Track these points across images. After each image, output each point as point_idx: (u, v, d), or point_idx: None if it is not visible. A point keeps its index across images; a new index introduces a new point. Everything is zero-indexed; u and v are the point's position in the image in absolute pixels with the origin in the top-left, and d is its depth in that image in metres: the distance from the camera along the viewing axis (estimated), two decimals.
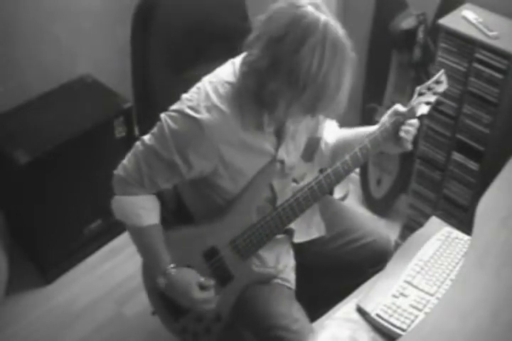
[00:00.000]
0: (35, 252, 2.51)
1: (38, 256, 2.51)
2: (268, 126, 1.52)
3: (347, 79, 1.40)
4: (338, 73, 1.37)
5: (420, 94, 1.69)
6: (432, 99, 1.71)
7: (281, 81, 1.36)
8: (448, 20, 2.03)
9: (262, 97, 1.41)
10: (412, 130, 1.63)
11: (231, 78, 1.49)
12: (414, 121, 1.64)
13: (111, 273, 2.55)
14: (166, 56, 1.74)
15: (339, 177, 1.62)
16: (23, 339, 2.33)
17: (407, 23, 2.29)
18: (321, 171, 1.66)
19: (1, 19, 2.28)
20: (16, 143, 2.25)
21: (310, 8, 1.36)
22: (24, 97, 2.41)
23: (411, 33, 2.28)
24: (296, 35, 1.34)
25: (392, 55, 2.42)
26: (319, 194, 1.62)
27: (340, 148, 1.75)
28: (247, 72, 1.42)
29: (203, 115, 1.44)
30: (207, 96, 1.47)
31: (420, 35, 2.27)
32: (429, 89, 1.70)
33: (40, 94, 2.44)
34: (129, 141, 1.60)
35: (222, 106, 1.46)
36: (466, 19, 2.02)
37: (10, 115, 2.36)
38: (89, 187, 2.41)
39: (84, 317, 2.40)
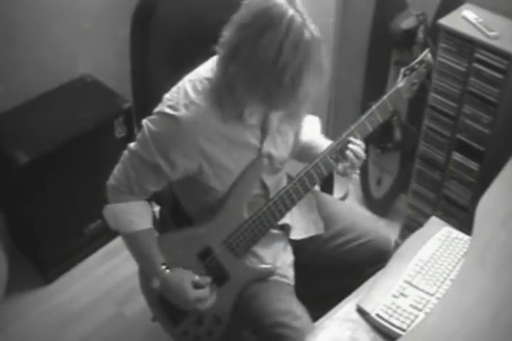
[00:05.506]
0: (35, 252, 2.51)
1: (38, 256, 2.50)
2: (249, 117, 1.52)
3: (308, 80, 1.37)
4: (297, 73, 1.35)
5: (405, 76, 1.70)
6: (417, 79, 1.73)
7: (239, 65, 1.37)
8: (448, 20, 2.04)
9: (225, 79, 1.41)
10: (359, 150, 1.61)
11: (210, 74, 1.49)
12: (359, 142, 1.63)
13: (111, 273, 2.55)
14: (166, 56, 1.74)
15: (328, 166, 1.62)
16: (23, 339, 2.33)
17: (407, 23, 2.29)
18: None
19: (1, 19, 2.28)
20: (15, 143, 2.24)
21: (281, 1, 1.34)
22: (24, 97, 2.40)
23: (411, 33, 2.28)
24: (257, 26, 1.33)
25: (392, 55, 2.42)
26: (309, 185, 1.62)
27: (302, 153, 1.78)
28: (217, 53, 1.43)
29: (181, 112, 1.46)
30: (185, 94, 1.48)
31: (420, 35, 2.27)
32: (413, 69, 1.71)
33: (40, 94, 2.43)
34: (129, 141, 1.60)
35: (200, 102, 1.47)
36: (466, 19, 2.02)
37: (10, 115, 2.36)
38: (89, 187, 2.39)
39: (84, 317, 2.40)
